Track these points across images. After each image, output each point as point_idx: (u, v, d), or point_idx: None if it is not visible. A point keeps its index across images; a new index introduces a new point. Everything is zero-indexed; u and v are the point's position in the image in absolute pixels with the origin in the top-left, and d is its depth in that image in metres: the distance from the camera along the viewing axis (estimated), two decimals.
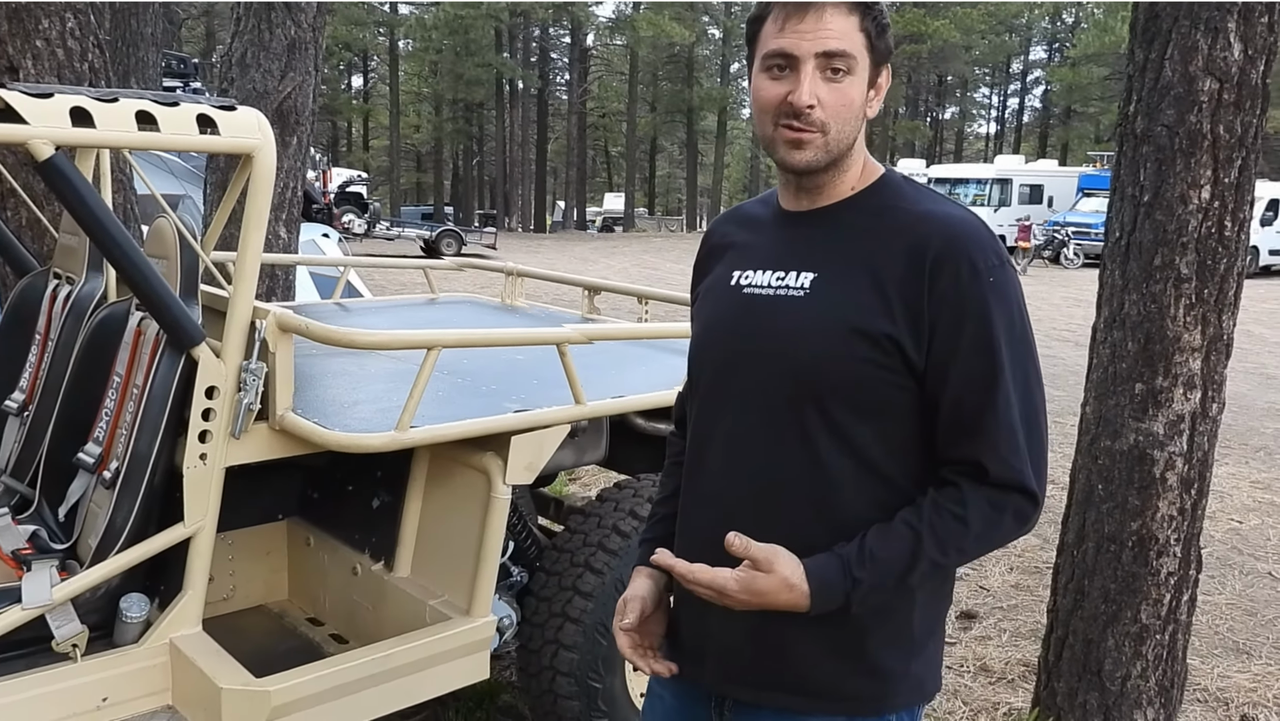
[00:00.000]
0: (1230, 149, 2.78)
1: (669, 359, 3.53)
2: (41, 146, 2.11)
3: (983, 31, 45.52)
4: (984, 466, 1.40)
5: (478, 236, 27.43)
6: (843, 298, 1.43)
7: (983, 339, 1.39)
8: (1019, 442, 1.40)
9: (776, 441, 1.46)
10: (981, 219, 1.47)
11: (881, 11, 1.43)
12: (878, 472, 1.44)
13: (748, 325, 1.51)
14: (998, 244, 1.44)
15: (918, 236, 1.41)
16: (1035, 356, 1.45)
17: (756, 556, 1.39)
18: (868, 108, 1.45)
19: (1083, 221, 26.55)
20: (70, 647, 2.32)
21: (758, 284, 1.51)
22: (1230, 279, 2.86)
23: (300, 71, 5.17)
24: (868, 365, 1.40)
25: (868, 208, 1.48)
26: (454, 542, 2.75)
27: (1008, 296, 1.42)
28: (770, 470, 1.47)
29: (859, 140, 1.47)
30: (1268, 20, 2.74)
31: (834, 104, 1.41)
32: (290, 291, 5.42)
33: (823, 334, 1.42)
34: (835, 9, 1.39)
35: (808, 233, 1.51)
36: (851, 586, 1.38)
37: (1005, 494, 1.41)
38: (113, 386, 2.66)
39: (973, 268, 1.39)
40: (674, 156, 62.27)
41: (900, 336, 1.39)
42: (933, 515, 1.40)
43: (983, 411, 1.40)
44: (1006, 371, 1.40)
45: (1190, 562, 3.04)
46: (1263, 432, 7.97)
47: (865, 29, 1.41)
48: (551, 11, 42.73)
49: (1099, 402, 3.06)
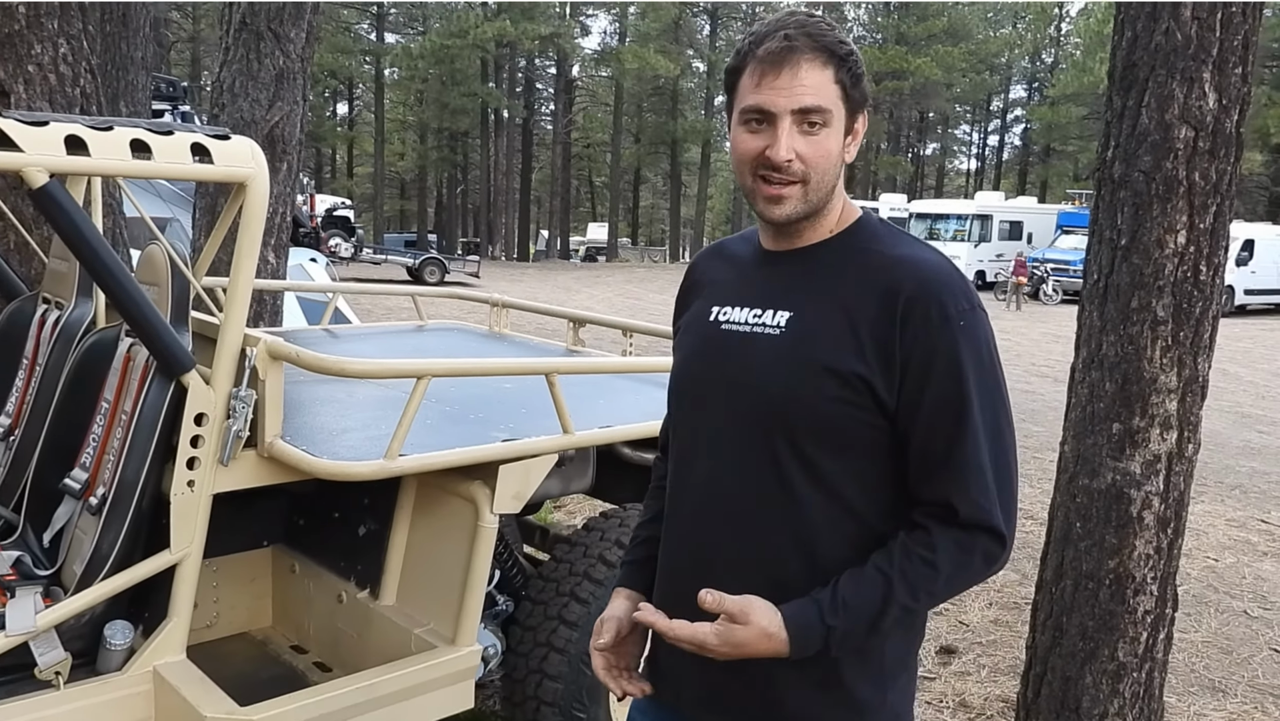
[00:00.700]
0: (1205, 195, 2.85)
1: (654, 390, 3.56)
2: (36, 174, 2.13)
3: (964, 70, 46.15)
4: (953, 507, 1.42)
5: (461, 264, 27.49)
6: (816, 337, 1.45)
7: (951, 381, 1.41)
8: (987, 483, 1.42)
9: (752, 477, 1.49)
10: (953, 264, 1.49)
11: (856, 60, 1.45)
12: (851, 509, 1.46)
13: (724, 361, 1.54)
14: (969, 288, 1.46)
15: (891, 279, 1.44)
16: (1005, 398, 1.47)
17: (730, 610, 1.41)
18: (845, 153, 1.48)
19: (1061, 258, 26.89)
20: (53, 675, 2.31)
21: (735, 320, 1.55)
22: (1205, 322, 2.92)
23: (288, 101, 5.20)
24: (838, 403, 1.43)
25: (844, 249, 1.51)
26: (440, 571, 2.76)
27: (977, 339, 1.44)
28: (745, 505, 1.50)
29: (838, 185, 1.51)
30: (1241, 71, 2.82)
31: (812, 156, 1.44)
32: (278, 316, 5.43)
33: (795, 372, 1.45)
34: (810, 62, 1.42)
35: (786, 272, 1.54)
36: (827, 632, 1.41)
37: (973, 535, 1.42)
38: (101, 412, 2.67)
39: (943, 311, 1.41)
40: (658, 187, 62.60)
41: (871, 377, 1.41)
42: (903, 560, 1.42)
43: (951, 452, 1.42)
44: (975, 413, 1.42)
45: (1167, 601, 3.08)
46: (1238, 471, 8.06)
47: (840, 80, 1.43)
48: (538, 43, 42.98)
49: (1077, 441, 3.10)
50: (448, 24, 41.22)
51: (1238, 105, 2.83)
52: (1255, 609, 5.02)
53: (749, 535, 1.49)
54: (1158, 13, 2.83)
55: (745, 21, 48.46)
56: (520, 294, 18.00)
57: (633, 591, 1.70)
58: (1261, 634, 4.71)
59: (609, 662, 1.64)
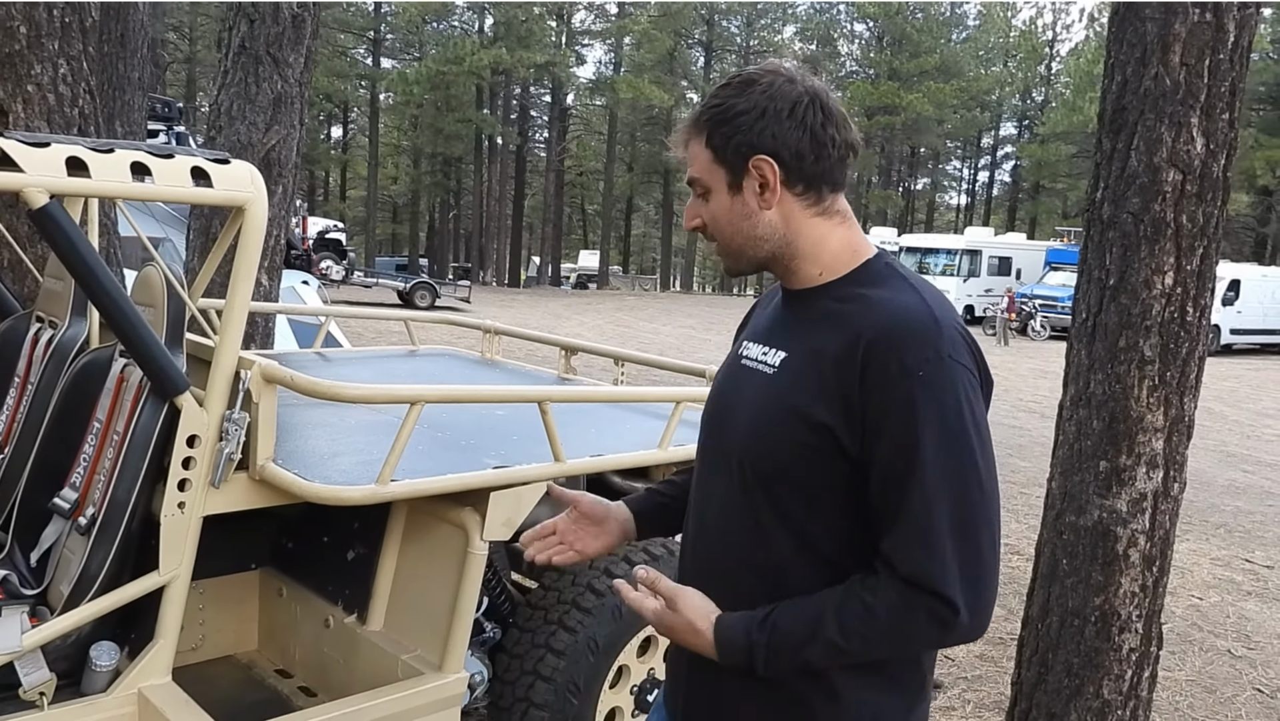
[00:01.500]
0: (1193, 238, 2.89)
1: (645, 420, 3.58)
2: (36, 195, 2.15)
3: (955, 106, 46.67)
4: (893, 561, 1.37)
5: (452, 289, 27.51)
6: (795, 380, 1.46)
7: (903, 434, 1.36)
8: (936, 544, 1.35)
9: (731, 508, 1.53)
10: (936, 311, 1.42)
11: (722, 119, 1.47)
12: (817, 552, 1.45)
13: (730, 395, 1.59)
14: (939, 339, 1.38)
15: (859, 325, 1.42)
16: (978, 457, 1.38)
17: (663, 592, 1.49)
18: (758, 204, 1.49)
19: (1049, 294, 27.06)
20: (37, 695, 2.30)
21: (751, 355, 1.58)
22: (1192, 363, 2.96)
23: (285, 125, 5.23)
24: (804, 448, 1.42)
25: (841, 294, 1.50)
26: (428, 597, 2.76)
27: (941, 391, 1.36)
28: (727, 540, 1.53)
29: (795, 231, 1.51)
30: (1228, 117, 2.86)
31: (709, 219, 1.54)
32: (270, 338, 5.44)
33: (771, 412, 1.47)
34: (690, 137, 1.52)
35: (791, 312, 1.57)
36: (750, 645, 1.42)
37: (916, 592, 1.36)
38: (92, 432, 2.66)
39: (900, 362, 1.36)
40: (649, 216, 62.85)
41: (835, 425, 1.40)
42: (844, 596, 1.40)
43: (899, 508, 1.37)
44: (928, 470, 1.35)
45: (1152, 639, 3.10)
46: (1222, 510, 8.09)
47: (712, 145, 1.49)
48: (533, 71, 43.25)
49: (1064, 478, 3.12)
50: (444, 50, 41.38)
51: (1225, 150, 2.88)
52: (1239, 648, 5.03)
53: (728, 568, 1.53)
54: (1147, 58, 2.88)
55: (739, 54, 48.94)
56: (511, 320, 18.04)
57: (636, 509, 1.82)
58: (1245, 673, 4.72)
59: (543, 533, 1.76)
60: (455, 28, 46.20)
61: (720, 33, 49.39)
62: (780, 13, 49.21)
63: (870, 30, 49.84)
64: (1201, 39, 2.81)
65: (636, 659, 3.10)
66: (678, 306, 31.77)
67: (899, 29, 47.13)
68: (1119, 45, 2.98)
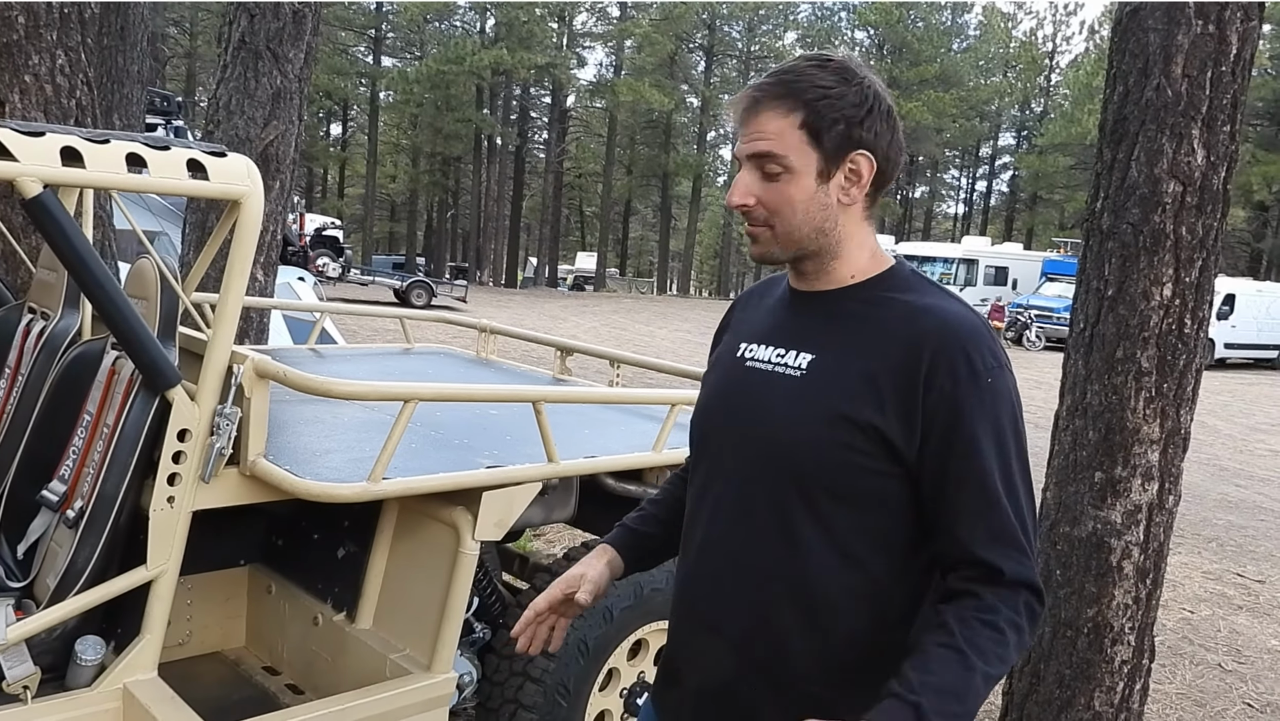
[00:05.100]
0: (1192, 250, 2.88)
1: (640, 422, 3.56)
2: (29, 184, 2.13)
3: (954, 116, 46.69)
4: (999, 567, 1.35)
5: (448, 288, 27.44)
6: (834, 382, 1.42)
7: (978, 439, 1.36)
8: (1022, 541, 1.37)
9: (756, 518, 1.47)
10: (983, 317, 1.45)
11: (830, 104, 1.41)
12: (853, 560, 1.42)
13: (743, 398, 1.53)
14: (996, 344, 1.41)
15: (917, 330, 1.40)
16: (1026, 455, 1.43)
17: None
18: (840, 197, 1.45)
19: (1046, 305, 27.08)
20: (21, 689, 2.27)
21: (759, 358, 1.53)
22: (1189, 375, 2.95)
23: (284, 120, 5.21)
24: (849, 451, 1.39)
25: (871, 297, 1.48)
26: (418, 596, 2.74)
27: (1008, 396, 1.40)
28: (749, 552, 1.48)
29: (846, 231, 1.48)
30: (1229, 129, 2.86)
31: (771, 201, 1.44)
32: (264, 334, 5.41)
33: (810, 416, 1.42)
34: (772, 110, 1.41)
35: (812, 314, 1.52)
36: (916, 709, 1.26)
37: (1017, 592, 1.36)
38: (82, 425, 2.64)
39: (970, 367, 1.37)
40: (648, 219, 62.85)
41: (887, 429, 1.38)
42: (964, 629, 1.32)
43: (981, 511, 1.37)
44: (1000, 472, 1.37)
45: (1144, 652, 3.09)
46: (1215, 524, 8.09)
47: (807, 124, 1.41)
48: (533, 72, 43.26)
49: (1059, 489, 3.12)
50: (445, 50, 41.39)
51: (1225, 162, 2.88)
52: (1230, 662, 5.03)
53: (746, 580, 1.48)
54: (1149, 68, 2.88)
55: (740, 59, 48.97)
56: (507, 320, 18.01)
57: (616, 555, 1.72)
58: (1235, 687, 4.71)
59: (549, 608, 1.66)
60: (456, 27, 46.20)
61: (721, 37, 49.38)
62: (781, 18, 49.20)
63: (871, 38, 49.88)
64: (1204, 51, 2.81)
65: (627, 662, 3.08)
66: (674, 310, 31.76)
67: (899, 37, 47.21)
68: (1121, 55, 2.97)
